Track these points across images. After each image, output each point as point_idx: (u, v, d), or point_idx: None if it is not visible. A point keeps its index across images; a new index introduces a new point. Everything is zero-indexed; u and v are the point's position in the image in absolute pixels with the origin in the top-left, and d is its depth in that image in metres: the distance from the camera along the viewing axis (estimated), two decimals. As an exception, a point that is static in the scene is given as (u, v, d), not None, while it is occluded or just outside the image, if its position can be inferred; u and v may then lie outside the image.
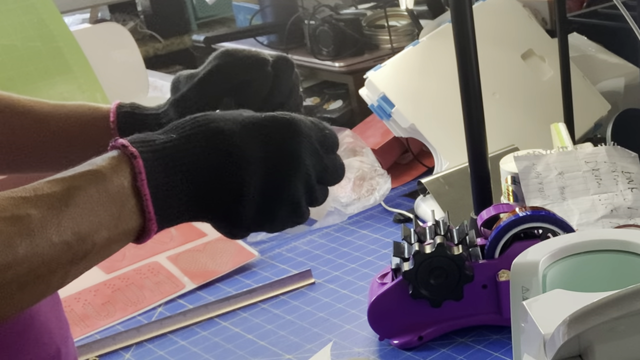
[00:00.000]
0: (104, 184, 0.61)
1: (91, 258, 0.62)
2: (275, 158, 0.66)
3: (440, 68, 1.54)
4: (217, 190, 0.65)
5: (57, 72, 1.63)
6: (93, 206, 0.61)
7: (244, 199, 0.65)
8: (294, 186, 0.67)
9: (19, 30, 1.60)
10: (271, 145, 0.66)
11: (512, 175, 1.27)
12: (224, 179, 0.65)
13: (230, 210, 0.66)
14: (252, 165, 0.65)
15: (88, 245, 0.60)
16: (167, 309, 1.27)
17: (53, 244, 0.58)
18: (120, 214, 0.62)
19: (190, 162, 0.64)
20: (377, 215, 1.50)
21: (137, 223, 0.63)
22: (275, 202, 0.67)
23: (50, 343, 0.74)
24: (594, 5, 1.66)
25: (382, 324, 1.10)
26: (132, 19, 2.61)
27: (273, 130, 0.67)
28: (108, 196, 0.61)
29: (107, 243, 0.62)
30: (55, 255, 0.59)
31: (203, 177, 0.64)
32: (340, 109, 1.95)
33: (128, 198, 0.62)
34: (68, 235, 0.59)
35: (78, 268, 0.61)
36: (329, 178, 0.71)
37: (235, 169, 0.65)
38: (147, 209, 0.63)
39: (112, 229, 0.62)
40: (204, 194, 0.65)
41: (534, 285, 0.74)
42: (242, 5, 2.35)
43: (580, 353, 0.61)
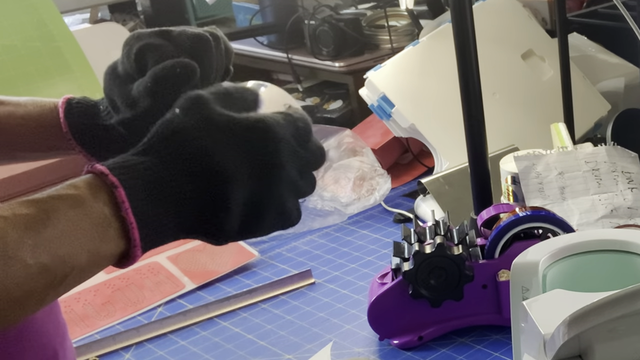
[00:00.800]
0: (84, 209, 0.60)
1: (70, 281, 0.60)
2: (258, 170, 0.64)
3: (440, 68, 1.54)
4: (203, 211, 0.64)
5: (57, 72, 1.63)
6: (72, 229, 0.59)
7: (230, 214, 0.64)
8: (278, 193, 0.66)
9: (19, 30, 1.60)
10: (253, 157, 0.64)
11: (512, 175, 1.27)
12: (209, 200, 0.63)
13: (216, 227, 0.64)
14: (237, 181, 0.63)
15: (67, 268, 0.59)
16: (167, 309, 1.27)
17: (28, 266, 0.57)
18: (102, 238, 0.60)
19: (174, 188, 0.62)
20: (377, 215, 1.50)
21: (121, 248, 0.62)
22: (261, 211, 0.66)
23: (47, 345, 0.74)
24: (594, 5, 1.66)
25: (382, 324, 1.10)
26: (132, 19, 2.61)
27: (253, 141, 0.64)
28: (88, 221, 0.60)
29: (88, 266, 0.60)
30: (31, 278, 0.57)
31: (189, 202, 0.63)
32: (340, 109, 1.95)
33: (110, 224, 0.61)
34: (45, 258, 0.57)
35: (56, 292, 0.60)
36: (311, 167, 0.69)
37: (221, 189, 0.63)
38: (133, 236, 0.61)
39: (93, 253, 0.60)
40: (190, 217, 0.63)
41: (534, 285, 0.74)
42: (242, 5, 2.35)
43: (580, 353, 0.61)
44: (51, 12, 1.65)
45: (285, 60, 2.06)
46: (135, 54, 0.76)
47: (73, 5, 2.39)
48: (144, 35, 0.76)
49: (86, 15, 2.58)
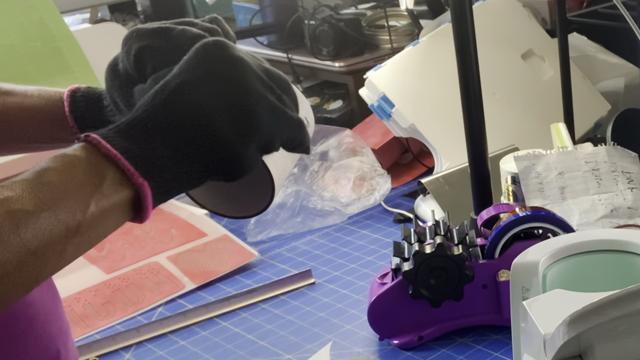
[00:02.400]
0: (72, 161, 0.61)
1: (88, 232, 0.61)
2: (218, 69, 0.66)
3: (440, 68, 1.54)
4: (187, 128, 0.64)
5: (57, 72, 1.63)
6: (68, 179, 0.60)
7: (213, 119, 0.64)
8: (251, 83, 0.66)
9: (19, 30, 1.60)
10: (210, 68, 0.66)
11: (512, 175, 1.27)
12: (182, 109, 0.64)
13: (209, 137, 0.64)
14: (202, 88, 0.65)
15: (77, 215, 0.60)
16: (167, 309, 1.27)
17: (35, 215, 0.58)
18: (102, 183, 0.61)
19: (146, 121, 0.64)
20: (377, 215, 1.50)
21: (128, 189, 0.62)
22: (245, 105, 0.66)
23: (50, 345, 0.74)
24: (594, 5, 1.66)
25: (382, 324, 1.10)
26: (132, 19, 2.61)
27: (201, 54, 0.67)
28: (81, 170, 0.61)
29: (101, 215, 0.61)
30: (42, 227, 0.58)
31: (163, 121, 0.64)
32: (340, 109, 1.95)
33: (103, 167, 0.62)
34: (51, 208, 0.59)
35: (74, 243, 0.61)
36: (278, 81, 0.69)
37: (188, 97, 0.65)
38: (124, 167, 0.62)
39: (100, 199, 0.61)
40: (178, 136, 0.64)
41: (534, 285, 0.74)
42: (242, 5, 2.35)
43: (580, 353, 0.61)
44: (51, 12, 1.65)
45: (285, 60, 2.06)
46: (134, 56, 0.76)
47: (73, 5, 2.39)
48: (143, 34, 0.76)
49: (86, 15, 2.58)
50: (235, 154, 0.65)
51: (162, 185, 0.64)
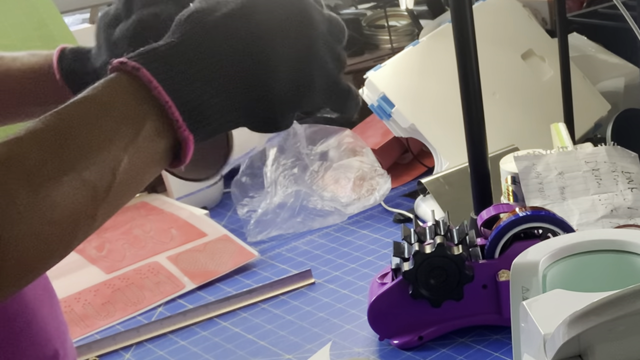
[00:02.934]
0: (104, 103, 0.55)
1: (119, 191, 0.55)
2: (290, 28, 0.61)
3: (440, 68, 1.54)
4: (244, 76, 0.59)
5: (57, 72, 1.63)
6: (99, 133, 0.54)
7: (272, 73, 0.60)
8: (319, 47, 0.62)
9: (19, 30, 1.60)
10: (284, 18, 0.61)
11: (512, 175, 1.27)
12: (245, 56, 0.59)
13: (264, 89, 0.60)
14: (270, 38, 0.60)
15: (107, 177, 0.53)
16: (167, 309, 1.27)
17: (58, 182, 0.51)
18: (139, 133, 0.54)
19: (201, 57, 0.58)
20: (377, 215, 1.50)
21: (167, 140, 0.56)
22: (308, 71, 0.62)
23: (47, 345, 0.74)
24: (594, 5, 1.66)
25: (382, 324, 1.10)
26: (132, 19, 2.61)
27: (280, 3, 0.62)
28: (116, 119, 0.54)
29: (134, 171, 0.55)
30: (67, 194, 0.52)
31: (222, 67, 0.58)
32: (340, 109, 1.95)
33: (145, 115, 0.55)
34: (76, 169, 0.52)
35: (106, 204, 0.54)
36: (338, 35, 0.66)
37: (254, 46, 0.59)
38: (174, 116, 0.55)
39: (134, 154, 0.55)
40: (232, 87, 0.59)
41: (534, 285, 0.74)
42: (242, 5, 2.34)
43: (580, 353, 0.61)
44: (51, 12, 1.65)
45: (285, 60, 2.06)
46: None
47: (73, 5, 2.39)
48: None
49: (86, 15, 2.58)
50: (281, 116, 0.62)
51: (203, 136, 0.59)
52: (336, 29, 0.66)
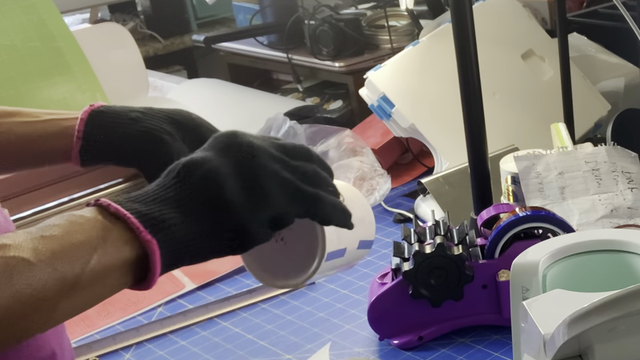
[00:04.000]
0: (77, 220, 0.62)
1: (85, 290, 0.60)
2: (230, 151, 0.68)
3: (440, 68, 1.54)
4: (195, 192, 0.66)
5: (57, 72, 1.63)
6: (71, 235, 0.60)
7: (221, 187, 0.66)
8: (262, 161, 0.68)
9: (19, 30, 1.60)
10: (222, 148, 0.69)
11: (512, 175, 1.27)
12: (193, 180, 0.66)
13: (222, 205, 0.66)
14: (214, 161, 0.67)
15: (76, 270, 0.59)
16: (167, 309, 1.27)
17: (32, 264, 0.57)
18: (107, 240, 0.61)
19: (156, 192, 0.65)
20: (377, 215, 1.49)
21: (133, 248, 0.62)
22: (255, 179, 0.67)
23: (44, 345, 0.74)
24: (594, 5, 1.66)
25: (382, 324, 1.10)
26: (132, 19, 2.61)
27: (215, 141, 0.70)
28: (86, 227, 0.61)
29: (101, 272, 0.61)
30: (38, 277, 0.57)
31: (174, 191, 0.65)
32: (340, 109, 1.95)
33: (110, 226, 0.62)
34: (49, 259, 0.58)
35: (71, 300, 0.60)
36: (295, 154, 0.71)
37: (201, 170, 0.66)
38: (133, 225, 0.62)
39: (102, 256, 0.61)
40: (185, 202, 0.65)
41: (534, 285, 0.74)
42: (242, 5, 2.35)
43: (580, 353, 0.61)
44: (51, 12, 1.65)
45: (285, 60, 2.06)
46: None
47: (73, 5, 2.39)
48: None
49: (86, 15, 2.58)
50: (244, 226, 0.66)
51: (170, 246, 0.64)
52: (291, 150, 0.71)
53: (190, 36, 2.53)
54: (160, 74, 2.27)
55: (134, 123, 0.82)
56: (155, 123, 0.83)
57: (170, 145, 0.82)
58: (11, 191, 1.43)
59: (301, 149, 0.72)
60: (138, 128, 0.82)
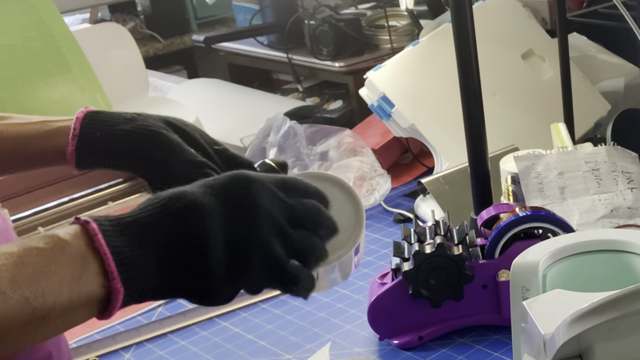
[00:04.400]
0: (61, 246, 0.61)
1: (53, 322, 0.60)
2: (232, 209, 0.65)
3: (440, 68, 1.54)
4: (183, 247, 0.64)
5: (57, 72, 1.63)
6: (50, 265, 0.60)
7: (210, 250, 0.64)
8: (259, 233, 0.65)
9: (19, 30, 1.60)
10: (228, 199, 0.66)
11: (512, 175, 1.27)
12: (185, 234, 0.64)
13: (200, 265, 0.64)
14: (213, 215, 0.64)
15: (48, 303, 0.59)
16: (167, 309, 1.27)
17: (7, 296, 0.57)
18: (82, 275, 0.60)
19: (150, 227, 0.64)
20: (377, 215, 1.50)
21: (102, 289, 0.62)
22: (244, 252, 0.65)
23: (41, 347, 0.74)
24: (594, 5, 1.66)
25: (382, 324, 1.10)
26: (132, 19, 2.62)
27: (226, 186, 0.66)
28: (66, 257, 0.60)
29: (70, 306, 0.60)
30: (10, 309, 0.57)
31: (165, 238, 0.64)
32: (340, 109, 1.95)
33: (89, 260, 0.61)
34: (24, 290, 0.58)
35: (38, 330, 0.59)
36: (303, 220, 0.68)
37: (197, 222, 0.64)
38: (110, 268, 0.61)
39: (75, 290, 0.60)
40: (169, 252, 0.64)
41: (534, 285, 0.74)
42: (242, 5, 2.35)
43: (580, 353, 0.61)
44: (51, 12, 1.65)
45: (285, 60, 2.06)
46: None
47: (73, 5, 2.39)
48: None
49: (86, 15, 2.58)
50: (212, 292, 0.65)
51: (135, 294, 0.63)
52: (300, 214, 0.68)
53: (190, 36, 2.53)
54: (160, 74, 2.27)
55: (130, 122, 0.81)
56: (151, 122, 0.81)
57: (170, 140, 0.80)
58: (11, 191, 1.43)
59: (305, 211, 0.69)
60: (135, 125, 0.81)
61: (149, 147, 0.80)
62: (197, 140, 0.83)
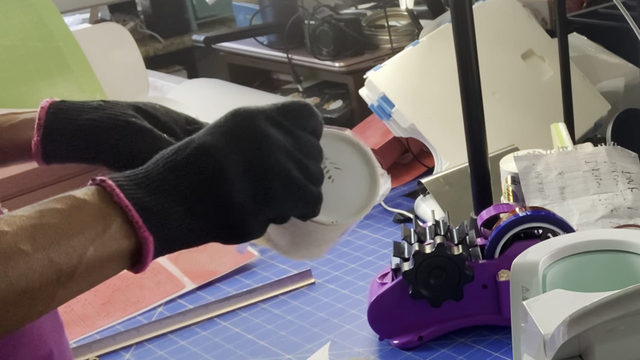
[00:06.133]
0: (79, 205, 0.61)
1: (80, 278, 0.60)
2: (243, 141, 0.66)
3: (440, 68, 1.54)
4: (205, 189, 0.64)
5: (57, 72, 1.63)
6: (71, 223, 0.60)
7: (232, 185, 0.64)
8: (273, 157, 0.66)
9: (19, 30, 1.60)
10: (235, 134, 0.67)
11: (512, 175, 1.27)
12: (202, 172, 0.64)
13: (226, 202, 0.65)
14: (226, 152, 0.65)
15: (73, 260, 0.59)
16: (167, 309, 1.27)
17: (28, 255, 0.57)
18: (106, 230, 0.61)
19: (168, 175, 0.64)
20: (377, 215, 1.50)
21: (130, 241, 0.62)
22: (264, 177, 0.66)
23: (42, 345, 0.74)
24: (594, 5, 1.66)
25: (382, 324, 1.10)
26: (132, 19, 2.62)
27: (229, 122, 0.68)
28: (86, 215, 0.60)
29: (97, 263, 0.60)
30: (34, 268, 0.57)
31: (182, 180, 0.64)
32: (340, 109, 1.95)
33: (111, 215, 0.61)
34: (46, 249, 0.58)
35: (67, 288, 0.59)
36: (307, 150, 0.70)
37: (212, 162, 0.65)
38: (134, 219, 0.61)
39: (100, 247, 0.60)
40: (193, 197, 0.64)
41: (534, 285, 0.74)
42: (242, 5, 2.35)
43: (580, 353, 0.61)
44: (51, 12, 1.65)
45: (285, 60, 2.06)
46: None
47: (73, 5, 2.39)
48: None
49: (86, 15, 2.58)
50: (243, 222, 0.66)
51: (165, 240, 0.64)
52: (306, 145, 0.70)
53: (190, 36, 2.53)
54: (160, 74, 2.27)
55: (97, 110, 0.78)
56: (119, 109, 0.79)
57: (140, 128, 0.77)
58: (11, 191, 1.43)
59: (313, 145, 0.70)
60: (102, 114, 0.78)
61: (117, 137, 0.77)
62: (169, 125, 0.81)
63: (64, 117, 0.78)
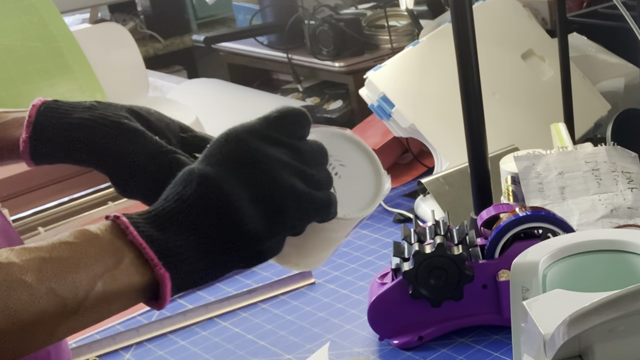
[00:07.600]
0: (91, 240, 0.60)
1: (86, 313, 0.59)
2: (240, 167, 0.66)
3: (440, 68, 1.54)
4: (216, 221, 0.64)
5: (57, 72, 1.63)
6: (80, 258, 0.59)
7: (242, 213, 0.64)
8: (275, 177, 0.66)
9: (19, 30, 1.60)
10: (230, 161, 0.66)
11: (512, 175, 1.27)
12: (213, 207, 0.64)
13: (238, 230, 0.64)
14: (227, 183, 0.65)
15: (79, 295, 0.58)
16: (167, 308, 1.26)
17: (33, 288, 0.56)
18: (117, 266, 0.60)
19: (179, 211, 0.64)
20: (377, 215, 1.50)
21: (144, 278, 0.61)
22: (271, 201, 0.65)
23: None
24: (594, 5, 1.66)
25: (382, 324, 1.10)
26: (132, 19, 2.62)
27: (222, 150, 0.67)
28: (98, 250, 0.60)
29: (105, 298, 0.60)
30: (37, 301, 0.56)
31: (194, 217, 0.63)
32: (340, 109, 1.95)
33: (124, 251, 0.61)
34: (51, 282, 0.57)
35: (70, 322, 0.59)
36: (310, 158, 0.69)
37: (218, 194, 0.64)
38: (148, 256, 0.61)
39: (109, 282, 0.60)
40: (205, 230, 0.63)
41: (534, 285, 0.74)
42: (242, 5, 2.35)
43: (580, 353, 0.61)
44: (51, 12, 1.65)
45: (285, 60, 2.07)
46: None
47: (73, 5, 2.39)
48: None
49: (86, 15, 2.58)
50: (261, 248, 0.66)
51: (183, 278, 0.63)
52: (308, 153, 0.69)
53: (190, 36, 2.53)
54: (160, 74, 2.27)
55: (89, 110, 0.77)
56: (112, 110, 0.77)
57: (132, 130, 0.76)
58: (11, 191, 1.43)
59: (315, 151, 0.70)
60: (93, 114, 0.76)
61: (107, 137, 0.76)
62: (161, 130, 0.80)
63: (54, 116, 0.76)
